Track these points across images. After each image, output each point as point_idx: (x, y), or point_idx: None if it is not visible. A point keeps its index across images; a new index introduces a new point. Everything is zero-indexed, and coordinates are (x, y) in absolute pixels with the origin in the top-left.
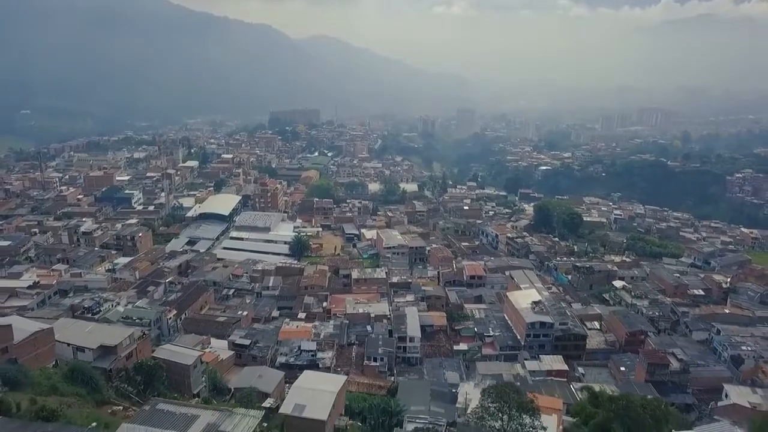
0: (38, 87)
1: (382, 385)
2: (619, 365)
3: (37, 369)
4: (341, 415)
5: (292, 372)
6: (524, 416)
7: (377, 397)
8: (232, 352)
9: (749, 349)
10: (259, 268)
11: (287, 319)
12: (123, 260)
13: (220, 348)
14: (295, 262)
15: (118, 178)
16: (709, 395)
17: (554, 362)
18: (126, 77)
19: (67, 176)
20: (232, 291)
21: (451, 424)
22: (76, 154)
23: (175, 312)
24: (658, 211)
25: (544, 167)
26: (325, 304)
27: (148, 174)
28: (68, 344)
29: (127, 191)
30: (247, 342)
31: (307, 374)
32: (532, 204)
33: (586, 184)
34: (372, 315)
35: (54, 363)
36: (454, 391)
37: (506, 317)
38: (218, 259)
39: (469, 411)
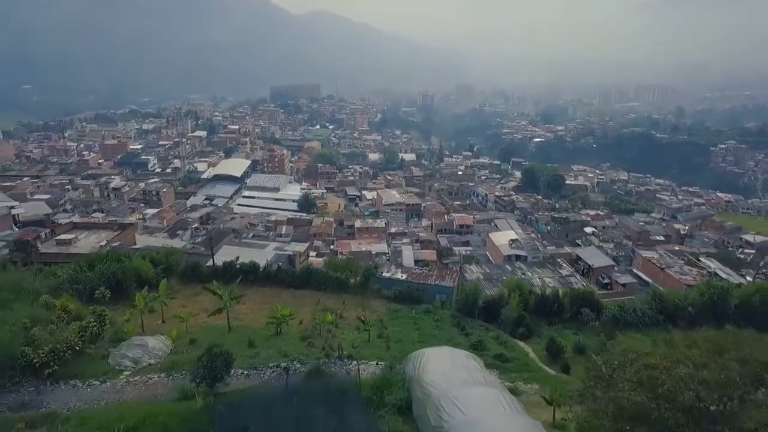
0: (39, 63)
1: None
2: None
3: None
4: None
5: None
6: None
7: None
8: None
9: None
10: (273, 219)
11: None
12: (151, 211)
13: None
14: (305, 214)
15: (131, 147)
16: None
17: None
18: (126, 53)
19: (82, 144)
20: (251, 236)
21: None
22: (88, 125)
23: (203, 249)
24: (641, 177)
25: (538, 139)
26: (332, 246)
27: (160, 143)
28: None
29: (143, 157)
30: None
31: None
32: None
33: (577, 155)
34: (373, 252)
35: None
36: None
37: (488, 254)
38: (234, 213)
39: None
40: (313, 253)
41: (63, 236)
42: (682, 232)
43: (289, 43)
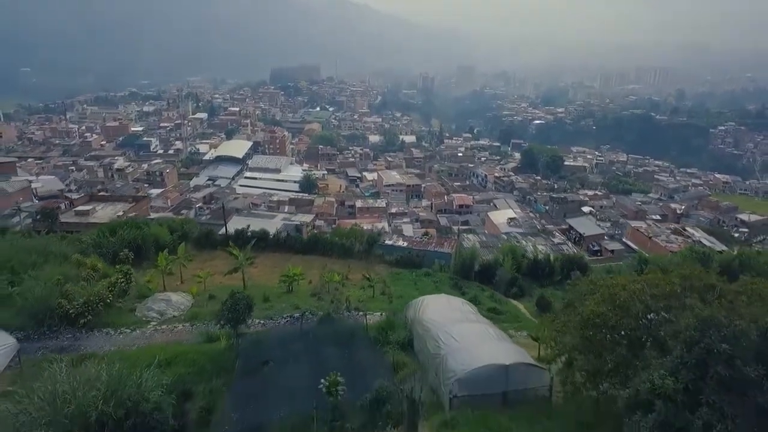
0: (38, 45)
1: None
2: None
3: None
4: None
5: None
6: None
7: None
8: None
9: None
10: (275, 199)
11: None
12: (155, 191)
13: None
14: (306, 195)
15: (132, 129)
16: None
17: None
18: (125, 34)
19: (84, 126)
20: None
21: None
22: (88, 108)
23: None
24: (640, 159)
25: (538, 121)
26: (333, 226)
27: (162, 124)
28: None
29: (144, 139)
30: None
31: None
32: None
33: (577, 137)
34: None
35: None
36: None
37: (486, 233)
38: (237, 193)
39: None
40: (315, 231)
41: (81, 207)
42: (678, 211)
43: (289, 24)
